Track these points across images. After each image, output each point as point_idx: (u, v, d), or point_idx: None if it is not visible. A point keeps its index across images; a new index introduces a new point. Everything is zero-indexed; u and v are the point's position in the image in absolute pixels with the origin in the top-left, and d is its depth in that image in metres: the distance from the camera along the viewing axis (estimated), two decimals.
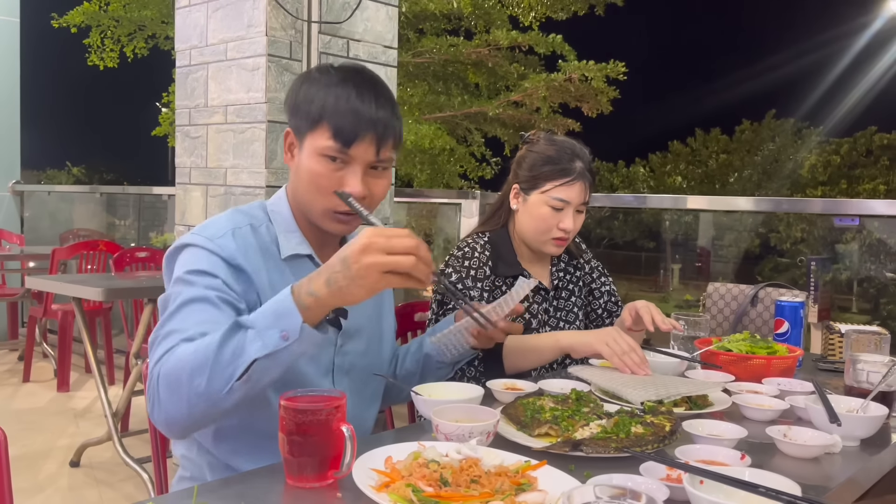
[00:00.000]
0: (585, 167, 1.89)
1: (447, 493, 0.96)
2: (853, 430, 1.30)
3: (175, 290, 1.26)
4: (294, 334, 1.08)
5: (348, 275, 1.07)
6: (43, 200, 7.27)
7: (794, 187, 20.26)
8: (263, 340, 1.08)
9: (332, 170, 1.32)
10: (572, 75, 9.04)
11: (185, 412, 1.12)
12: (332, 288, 1.08)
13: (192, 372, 1.10)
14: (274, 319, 1.09)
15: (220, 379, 1.09)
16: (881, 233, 6.92)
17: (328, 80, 1.34)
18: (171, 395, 1.13)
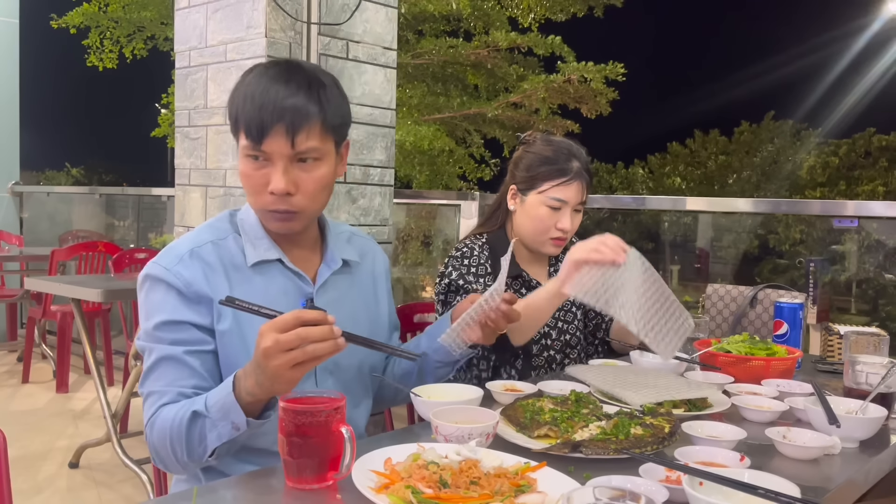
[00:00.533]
0: (583, 167, 1.90)
1: (446, 494, 0.96)
2: (852, 431, 1.30)
3: (147, 345, 1.32)
4: (243, 426, 1.17)
5: (268, 376, 1.11)
6: (42, 201, 7.26)
7: (792, 188, 20.26)
8: (218, 431, 1.18)
9: (255, 168, 1.31)
10: (571, 77, 9.04)
11: (180, 469, 1.29)
12: (262, 388, 1.13)
13: (173, 445, 1.23)
14: (223, 414, 1.17)
15: (195, 454, 1.22)
16: (880, 234, 6.92)
17: (246, 79, 1.32)
18: (165, 460, 1.27)
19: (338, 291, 1.47)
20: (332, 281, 1.45)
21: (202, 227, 1.42)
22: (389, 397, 1.65)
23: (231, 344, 1.32)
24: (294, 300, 1.38)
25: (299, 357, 1.08)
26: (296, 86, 1.29)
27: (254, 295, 1.30)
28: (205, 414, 1.19)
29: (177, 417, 1.22)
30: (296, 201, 1.31)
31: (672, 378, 1.60)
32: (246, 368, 1.16)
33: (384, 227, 2.83)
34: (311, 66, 1.37)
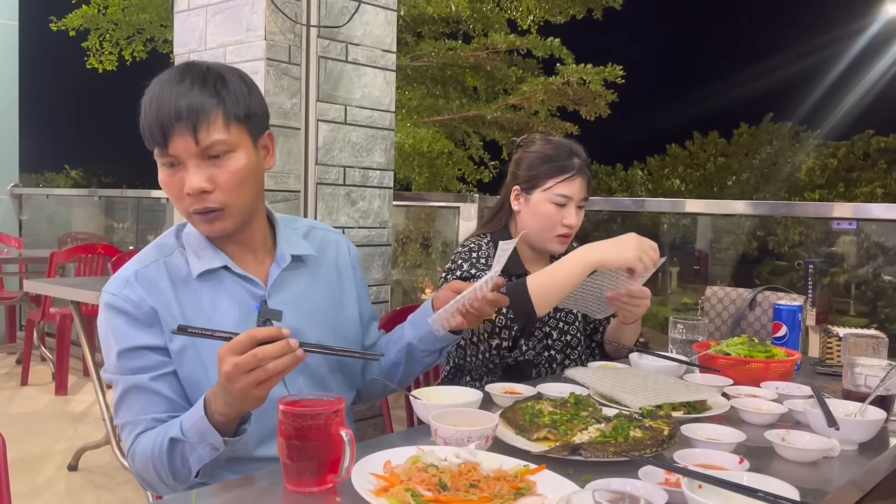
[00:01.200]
0: (583, 163, 1.94)
1: (446, 497, 0.96)
2: (851, 433, 1.30)
3: (112, 376, 1.33)
4: (220, 446, 1.19)
5: (236, 397, 1.13)
6: (41, 203, 7.26)
7: (791, 190, 20.27)
8: (199, 453, 1.21)
9: (171, 175, 1.30)
10: (570, 79, 9.05)
11: (170, 491, 1.29)
12: (232, 407, 1.16)
13: (157, 471, 1.25)
14: (199, 437, 1.19)
15: (180, 476, 1.24)
16: (879, 236, 6.93)
17: (147, 91, 1.31)
18: (153, 484, 1.29)
19: (295, 289, 1.44)
20: (286, 279, 1.42)
21: (149, 248, 1.42)
22: (378, 391, 1.65)
23: (188, 361, 1.32)
24: (247, 305, 1.36)
25: (261, 376, 1.10)
26: (189, 83, 1.28)
27: (204, 306, 1.33)
28: (182, 439, 1.21)
29: (156, 445, 1.24)
30: (215, 198, 1.29)
31: (671, 380, 1.60)
32: (214, 390, 1.17)
33: (383, 229, 2.83)
34: (209, 63, 1.36)
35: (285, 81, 2.53)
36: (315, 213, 2.59)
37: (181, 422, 1.22)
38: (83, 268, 5.05)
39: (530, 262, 2.00)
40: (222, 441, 1.18)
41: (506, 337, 1.74)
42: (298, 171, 2.57)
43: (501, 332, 1.75)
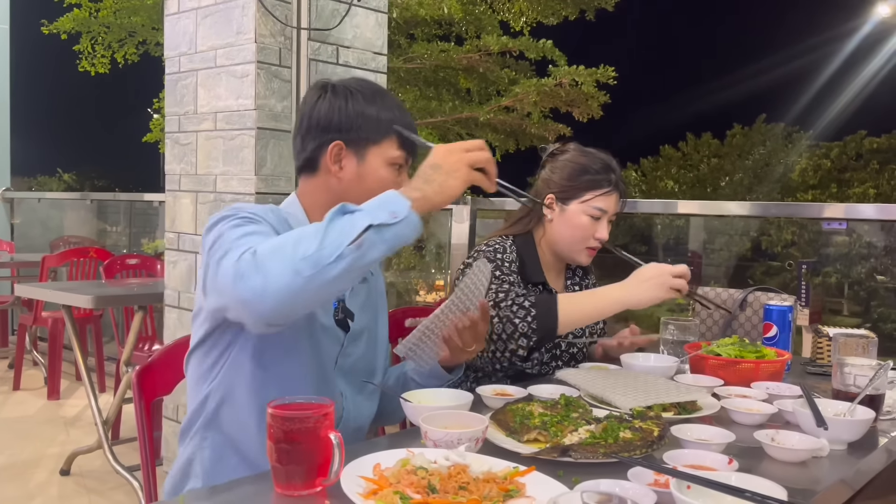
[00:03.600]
0: (618, 178, 1.97)
1: (435, 500, 0.96)
2: (840, 433, 1.31)
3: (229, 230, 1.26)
4: (402, 213, 1.16)
5: (443, 173, 1.22)
6: (33, 207, 7.24)
7: (784, 191, 20.33)
8: (373, 215, 1.15)
9: (396, 175, 1.46)
10: (563, 80, 9.05)
11: (287, 278, 1.11)
12: (432, 185, 1.22)
13: (298, 241, 1.13)
14: (380, 204, 1.17)
15: (330, 246, 1.12)
16: (870, 236, 6.96)
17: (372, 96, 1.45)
18: (274, 262, 1.12)
19: (361, 298, 1.56)
20: (357, 287, 1.54)
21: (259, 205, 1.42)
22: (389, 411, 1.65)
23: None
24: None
25: (480, 158, 1.25)
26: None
27: None
28: (356, 209, 1.16)
29: (306, 227, 1.17)
30: None
31: (662, 381, 1.60)
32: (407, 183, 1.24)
33: None
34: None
35: (276, 84, 2.53)
36: None
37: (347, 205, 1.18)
38: (75, 272, 5.03)
39: (549, 270, 2.01)
40: (407, 207, 1.17)
41: (523, 345, 1.76)
42: (290, 174, 2.57)
43: (520, 339, 1.76)
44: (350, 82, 1.49)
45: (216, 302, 1.24)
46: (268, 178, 2.53)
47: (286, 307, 1.13)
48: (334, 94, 1.45)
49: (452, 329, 1.49)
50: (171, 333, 2.84)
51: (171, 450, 2.87)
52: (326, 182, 1.46)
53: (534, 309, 1.74)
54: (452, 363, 1.57)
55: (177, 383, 1.63)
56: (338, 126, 1.42)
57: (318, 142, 1.44)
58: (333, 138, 1.43)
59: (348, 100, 1.43)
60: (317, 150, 1.45)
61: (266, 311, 1.13)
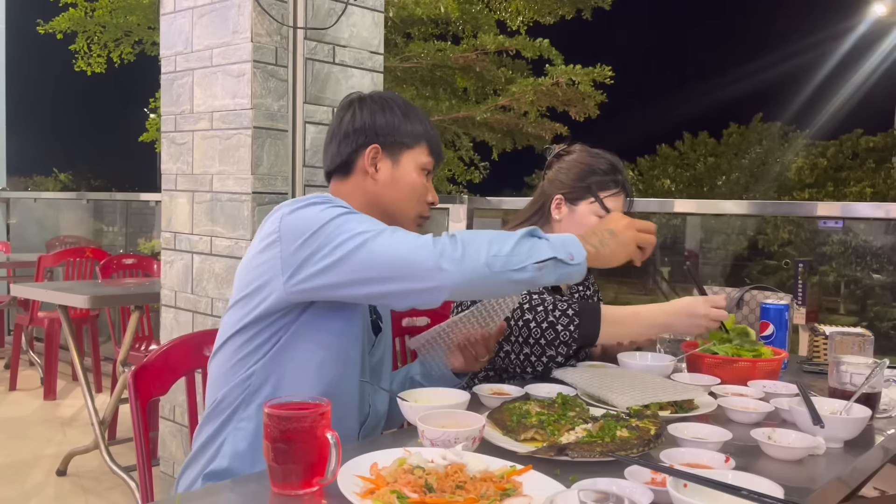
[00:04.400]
0: (624, 179, 1.99)
1: (432, 499, 0.96)
2: (836, 431, 1.31)
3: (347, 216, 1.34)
4: (578, 258, 1.32)
5: (617, 242, 1.40)
6: (29, 207, 7.23)
7: (781, 190, 20.33)
8: (556, 251, 1.31)
9: (425, 181, 1.59)
10: (559, 79, 9.04)
11: (480, 264, 1.26)
12: (604, 249, 1.39)
13: (492, 240, 1.29)
14: (562, 243, 1.32)
15: (519, 256, 1.28)
16: (867, 235, 6.97)
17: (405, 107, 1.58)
18: (472, 248, 1.28)
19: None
20: None
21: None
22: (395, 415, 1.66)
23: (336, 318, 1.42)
24: None
25: (647, 241, 1.44)
26: None
27: None
28: (542, 237, 1.33)
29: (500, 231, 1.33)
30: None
31: (659, 380, 1.60)
32: (585, 235, 1.39)
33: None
34: None
35: (272, 83, 2.53)
36: None
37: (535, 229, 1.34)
38: (71, 272, 5.03)
39: None
40: (584, 255, 1.33)
41: (563, 352, 1.77)
42: (286, 173, 2.56)
43: (560, 347, 1.76)
44: (384, 94, 1.62)
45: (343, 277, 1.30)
46: (264, 177, 2.53)
47: (467, 287, 1.29)
48: (372, 103, 1.57)
49: (466, 339, 1.61)
50: (168, 333, 2.83)
51: (168, 450, 2.86)
52: (362, 184, 1.55)
53: (577, 318, 1.76)
54: (464, 371, 1.66)
55: (173, 383, 1.63)
56: (375, 131, 1.54)
57: (355, 146, 1.54)
58: (371, 142, 1.53)
59: (385, 108, 1.56)
60: (353, 153, 1.55)
61: (453, 283, 1.27)
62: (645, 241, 1.44)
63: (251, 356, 1.41)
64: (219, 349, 1.47)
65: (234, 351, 1.43)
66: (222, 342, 1.46)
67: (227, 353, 1.45)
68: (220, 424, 1.44)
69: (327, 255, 1.29)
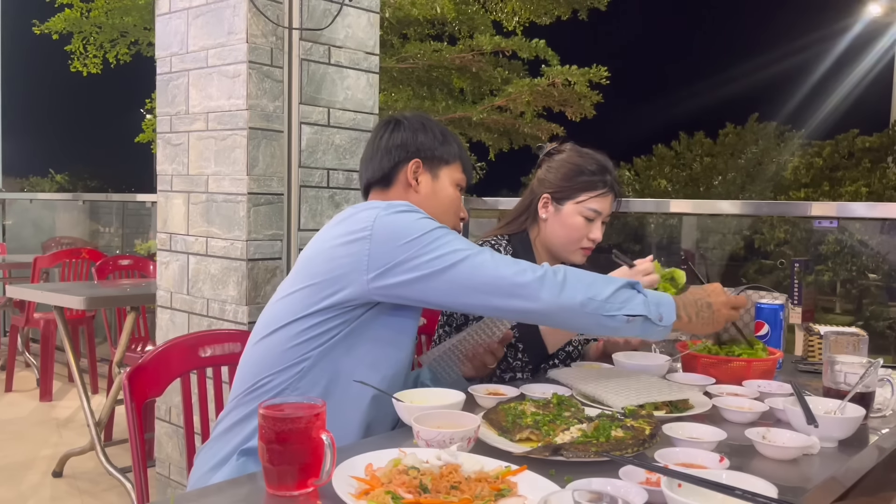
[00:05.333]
0: (614, 180, 1.99)
1: (426, 499, 0.96)
2: (830, 431, 1.31)
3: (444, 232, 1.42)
4: (667, 321, 1.43)
5: (711, 318, 1.52)
6: (25, 208, 7.22)
7: (777, 189, 20.35)
8: (649, 309, 1.41)
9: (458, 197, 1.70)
10: (555, 80, 9.04)
11: (577, 301, 1.37)
12: (697, 321, 1.50)
13: (594, 282, 1.40)
14: (658, 303, 1.43)
15: (613, 304, 1.39)
16: (862, 234, 6.99)
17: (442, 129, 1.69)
18: (573, 285, 1.38)
19: None
20: None
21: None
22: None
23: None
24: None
25: (734, 315, 1.57)
26: None
27: None
28: (641, 291, 1.43)
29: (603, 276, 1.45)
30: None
31: (654, 380, 1.61)
32: (684, 300, 1.49)
33: None
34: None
35: (268, 84, 2.53)
36: (298, 216, 2.58)
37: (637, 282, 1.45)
38: (67, 273, 5.02)
39: None
40: (673, 318, 1.43)
41: (523, 377, 1.87)
42: (281, 173, 2.56)
43: (517, 372, 1.87)
44: (422, 115, 1.75)
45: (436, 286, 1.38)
46: (259, 178, 2.53)
47: (558, 316, 1.40)
48: (413, 121, 1.68)
49: (474, 349, 1.69)
50: (164, 334, 2.83)
51: (164, 451, 2.86)
52: (403, 196, 1.64)
53: (521, 344, 1.86)
54: (474, 377, 1.73)
55: (168, 384, 1.63)
56: (417, 147, 1.64)
57: (397, 160, 1.63)
58: (413, 157, 1.63)
59: (426, 127, 1.67)
60: (395, 167, 1.63)
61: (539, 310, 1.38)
62: (734, 319, 1.57)
63: (309, 343, 1.43)
64: (272, 332, 1.47)
65: (292, 336, 1.44)
66: (278, 326, 1.47)
67: (282, 337, 1.45)
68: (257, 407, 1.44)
69: (425, 265, 1.36)
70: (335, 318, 1.43)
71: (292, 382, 1.43)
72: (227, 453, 1.44)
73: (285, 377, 1.44)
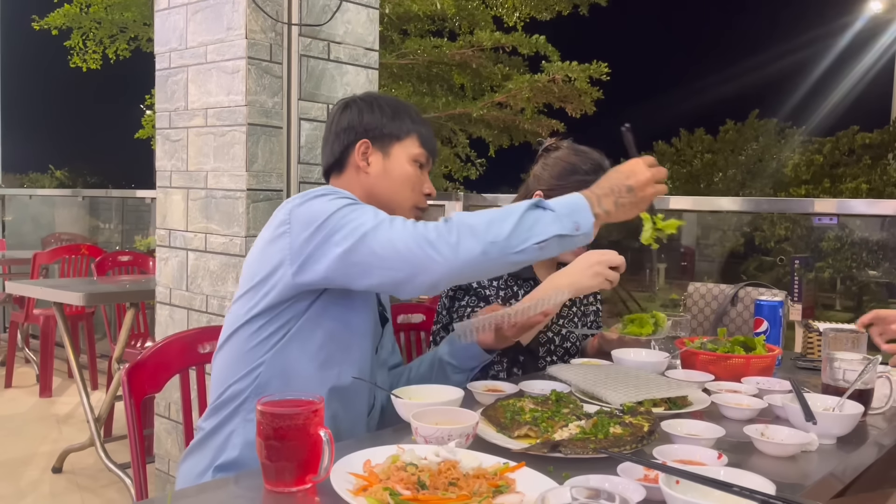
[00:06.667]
0: None
1: (424, 496, 0.96)
2: (829, 428, 1.31)
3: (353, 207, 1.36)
4: (584, 228, 1.31)
5: (633, 200, 1.36)
6: (25, 204, 7.21)
7: (777, 186, 20.35)
8: (561, 223, 1.29)
9: (420, 174, 1.61)
10: (556, 76, 9.02)
11: (475, 254, 1.27)
12: (619, 209, 1.35)
13: (490, 223, 1.28)
14: (570, 211, 1.31)
15: (518, 238, 1.27)
16: (862, 231, 6.98)
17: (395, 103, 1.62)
18: (467, 237, 1.27)
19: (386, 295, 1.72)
20: None
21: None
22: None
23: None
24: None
25: (661, 191, 1.39)
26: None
27: None
28: (547, 207, 1.30)
29: (501, 209, 1.31)
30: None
31: (652, 377, 1.60)
32: (599, 193, 1.35)
33: None
34: None
35: (267, 80, 2.52)
36: None
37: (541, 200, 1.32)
38: (67, 269, 5.02)
39: (539, 266, 2.02)
40: (591, 223, 1.31)
41: (501, 369, 1.84)
42: (281, 170, 2.56)
43: (494, 366, 1.84)
44: (373, 94, 1.67)
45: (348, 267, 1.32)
46: (259, 173, 2.53)
47: (459, 277, 1.31)
48: (360, 102, 1.62)
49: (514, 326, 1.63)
50: (163, 330, 2.83)
51: (163, 447, 2.86)
52: (356, 178, 1.59)
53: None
54: (493, 347, 1.67)
55: (168, 380, 1.63)
56: (364, 127, 1.58)
57: (346, 143, 1.59)
58: (360, 137, 1.58)
59: (373, 105, 1.61)
60: (344, 150, 1.59)
61: (443, 275, 1.28)
62: (661, 193, 1.41)
63: (260, 347, 1.43)
64: (225, 342, 1.48)
65: (243, 342, 1.44)
66: (229, 334, 1.47)
67: (235, 345, 1.45)
68: (226, 416, 1.44)
69: (334, 245, 1.32)
70: (278, 317, 1.41)
71: (255, 389, 1.42)
72: (204, 468, 1.44)
73: (246, 385, 1.43)
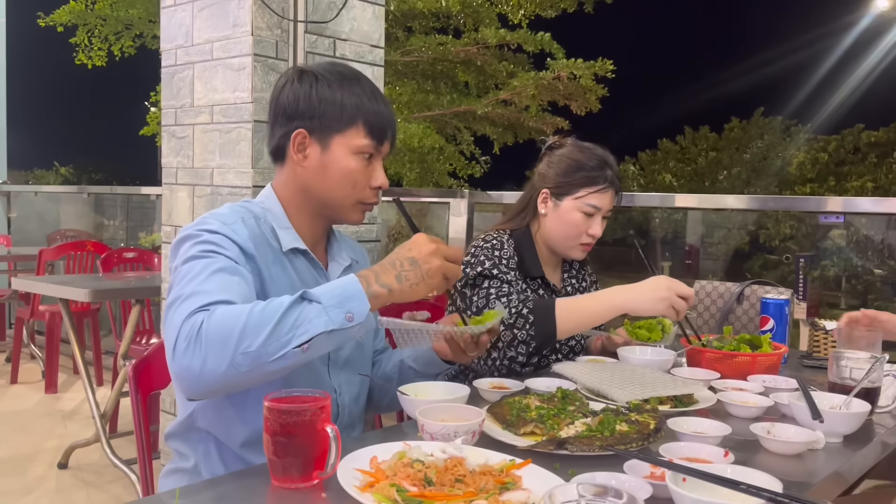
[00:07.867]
0: (615, 175, 1.95)
1: (431, 492, 0.96)
2: (835, 426, 1.31)
3: (190, 265, 1.24)
4: (359, 317, 1.14)
5: (419, 274, 1.21)
6: (30, 201, 7.23)
7: (782, 184, 20.33)
8: (329, 316, 1.11)
9: (365, 166, 1.41)
10: (560, 73, 9.03)
11: (222, 369, 1.09)
12: (403, 284, 1.20)
13: (244, 332, 1.09)
14: (340, 300, 1.13)
15: (275, 343, 1.09)
16: (868, 229, 6.97)
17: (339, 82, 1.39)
18: (215, 350, 1.10)
19: None
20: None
21: (233, 205, 1.42)
22: (378, 399, 1.65)
23: None
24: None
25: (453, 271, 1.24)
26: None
27: (283, 279, 1.37)
28: (313, 299, 1.12)
29: (259, 306, 1.12)
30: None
31: (658, 375, 1.60)
32: (378, 269, 1.20)
33: (373, 225, 2.83)
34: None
35: (272, 77, 2.52)
36: None
37: (306, 291, 1.14)
38: (72, 265, 5.03)
39: (547, 264, 2.02)
40: (367, 312, 1.14)
41: (522, 352, 1.78)
42: None
43: (519, 347, 1.77)
44: (319, 67, 1.43)
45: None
46: (264, 171, 2.53)
47: (214, 391, 1.15)
48: (300, 80, 1.40)
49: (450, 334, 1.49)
50: None
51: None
52: (294, 171, 1.42)
53: (532, 316, 1.75)
54: (451, 360, 1.56)
55: None
56: (301, 113, 1.38)
57: (284, 130, 1.40)
58: (297, 126, 1.38)
59: (313, 86, 1.39)
60: (283, 138, 1.41)
61: (193, 392, 1.14)
62: (451, 272, 1.24)
63: None
64: None
65: None
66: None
67: None
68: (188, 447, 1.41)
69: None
70: None
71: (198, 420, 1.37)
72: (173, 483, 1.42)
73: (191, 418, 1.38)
